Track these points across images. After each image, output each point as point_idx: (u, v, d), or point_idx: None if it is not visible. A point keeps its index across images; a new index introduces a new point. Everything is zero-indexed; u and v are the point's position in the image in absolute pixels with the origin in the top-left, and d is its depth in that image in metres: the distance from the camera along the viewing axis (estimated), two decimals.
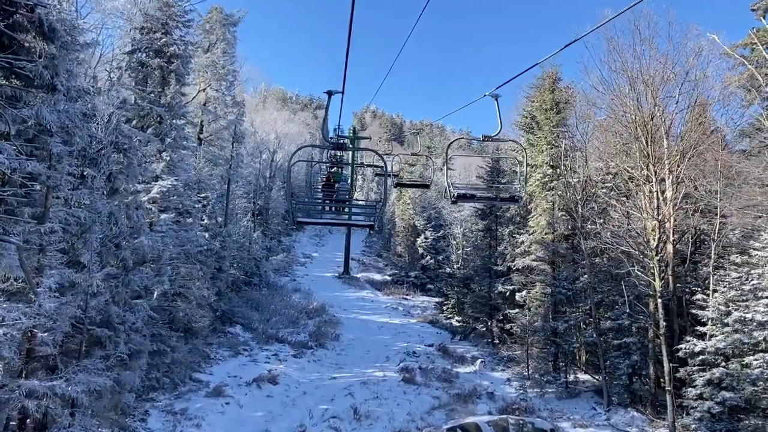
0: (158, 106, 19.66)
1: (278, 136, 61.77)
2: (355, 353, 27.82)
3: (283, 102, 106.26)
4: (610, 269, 23.41)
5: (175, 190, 20.09)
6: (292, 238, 65.01)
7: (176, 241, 20.61)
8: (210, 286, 24.97)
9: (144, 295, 18.02)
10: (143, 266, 16.82)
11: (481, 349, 29.94)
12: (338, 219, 12.10)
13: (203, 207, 26.42)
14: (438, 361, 27.34)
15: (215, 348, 24.62)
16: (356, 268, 55.68)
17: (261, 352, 25.32)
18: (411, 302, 44.19)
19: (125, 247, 15.72)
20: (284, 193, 60.80)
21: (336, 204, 13.37)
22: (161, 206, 19.69)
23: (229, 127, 36.10)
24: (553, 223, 24.74)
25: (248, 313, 31.29)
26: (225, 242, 27.86)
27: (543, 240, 25.26)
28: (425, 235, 50.04)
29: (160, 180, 19.48)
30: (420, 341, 31.07)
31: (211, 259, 25.07)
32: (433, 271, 49.24)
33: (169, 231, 19.60)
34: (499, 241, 31.29)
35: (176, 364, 20.11)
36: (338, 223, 11.38)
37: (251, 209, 50.77)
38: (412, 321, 37.81)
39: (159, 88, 20.35)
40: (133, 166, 16.17)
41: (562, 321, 24.05)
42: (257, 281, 40.55)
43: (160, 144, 19.67)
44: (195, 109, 34.83)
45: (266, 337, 27.47)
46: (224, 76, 35.33)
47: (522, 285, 27.05)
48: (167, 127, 20.04)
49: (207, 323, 23.62)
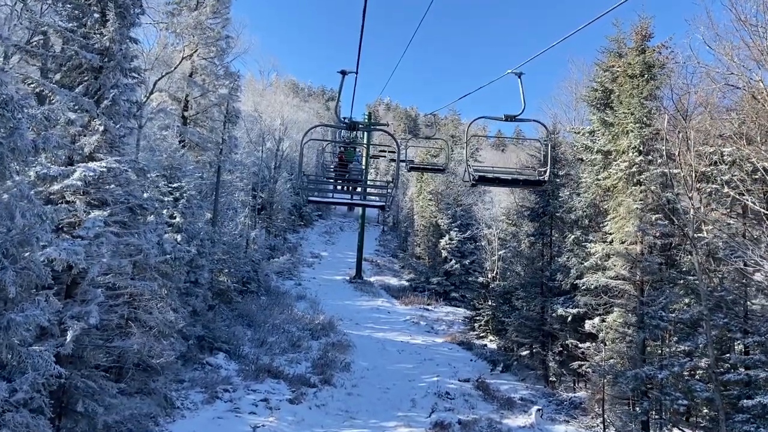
0: (88, 50, 13.35)
1: (285, 123, 55.56)
2: (370, 393, 21.48)
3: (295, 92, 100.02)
4: (724, 297, 16.83)
5: (117, 177, 13.82)
6: (300, 235, 58.85)
7: (121, 249, 14.39)
8: (180, 305, 18.76)
9: (54, 334, 11.83)
10: (42, 293, 10.61)
11: (531, 388, 23.43)
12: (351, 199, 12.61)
13: (175, 201, 20.17)
14: (480, 405, 20.92)
15: (185, 390, 18.41)
16: (369, 271, 49.34)
17: (247, 395, 19.03)
18: (434, 314, 37.79)
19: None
20: (291, 186, 55.04)
21: (349, 184, 12.97)
22: (93, 199, 13.43)
23: (221, 103, 29.84)
24: (644, 228, 18.09)
25: (238, 333, 25.09)
26: (204, 245, 21.58)
27: (628, 252, 18.65)
28: (450, 235, 43.47)
29: (93, 162, 13.20)
30: (452, 373, 24.63)
31: (181, 269, 18.81)
32: (458, 278, 42.76)
33: (106, 234, 13.34)
34: (556, 249, 24.65)
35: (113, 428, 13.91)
36: (351, 203, 12.41)
37: (252, 203, 44.56)
38: (437, 340, 31.41)
39: (98, 27, 14.05)
40: (22, 137, 9.91)
41: (657, 363, 17.48)
42: (255, 287, 34.42)
43: (95, 108, 13.39)
44: (179, 80, 28.80)
45: (256, 371, 21.21)
46: (215, 41, 29.03)
47: (592, 309, 20.49)
48: (108, 83, 13.74)
49: (173, 357, 17.38)
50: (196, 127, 29.08)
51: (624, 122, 19.37)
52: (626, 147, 19.11)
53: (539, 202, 25.77)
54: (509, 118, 8.65)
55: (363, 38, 7.42)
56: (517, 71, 8.53)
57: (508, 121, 8.71)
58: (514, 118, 8.67)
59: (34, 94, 13.40)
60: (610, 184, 20.04)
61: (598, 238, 20.55)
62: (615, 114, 20.37)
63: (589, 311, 20.66)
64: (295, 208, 58.99)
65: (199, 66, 28.77)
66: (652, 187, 18.36)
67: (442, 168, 19.63)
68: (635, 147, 18.84)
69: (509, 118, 8.65)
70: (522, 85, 8.75)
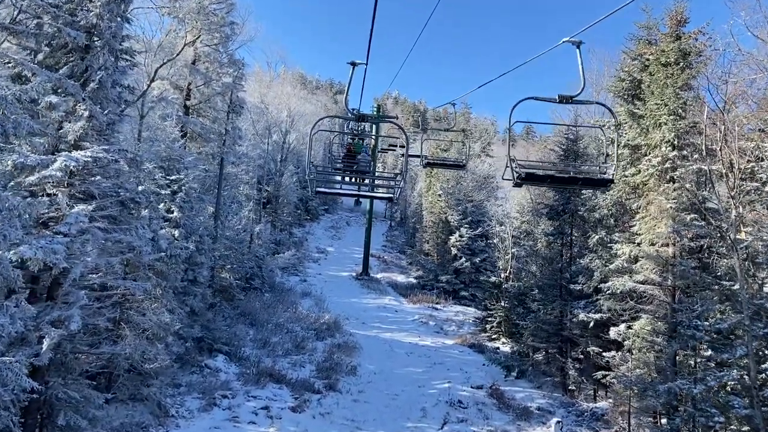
0: (73, 28, 12.07)
1: (291, 115, 54.20)
2: (378, 399, 20.25)
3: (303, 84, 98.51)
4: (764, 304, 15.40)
5: (105, 167, 12.59)
6: (306, 229, 57.62)
7: (109, 246, 13.18)
8: (177, 306, 17.60)
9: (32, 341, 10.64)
10: (12, 298, 9.40)
11: (548, 396, 22.09)
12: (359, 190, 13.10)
13: (173, 194, 18.95)
14: (494, 416, 19.64)
15: (181, 395, 17.25)
16: (376, 267, 48.05)
17: (246, 402, 17.85)
18: (443, 313, 36.45)
19: None
20: (297, 179, 53.85)
21: (357, 175, 12.87)
22: (77, 192, 12.21)
23: (225, 92, 28.60)
24: (678, 229, 16.66)
25: (239, 333, 23.94)
26: (203, 241, 20.36)
27: (659, 254, 17.23)
28: (460, 232, 42.08)
29: (78, 150, 11.96)
30: (464, 379, 23.34)
31: (177, 267, 17.61)
32: (468, 276, 41.41)
33: (92, 231, 12.13)
34: (576, 250, 23.21)
35: None
36: (359, 194, 12.82)
37: (257, 197, 43.39)
38: (447, 342, 30.10)
39: (85, 3, 12.77)
40: None
41: (690, 377, 16.12)
42: (259, 284, 33.27)
43: (80, 91, 12.13)
44: (181, 68, 27.53)
45: (258, 374, 20.02)
46: (219, 27, 27.71)
47: (617, 315, 19.12)
48: (95, 64, 12.48)
49: (168, 361, 16.20)
50: (199, 117, 27.83)
51: (656, 114, 17.89)
52: (659, 141, 17.64)
53: (559, 199, 24.32)
54: (565, 100, 7.28)
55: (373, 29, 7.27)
56: (575, 40, 7.08)
57: (563, 102, 7.29)
58: (571, 99, 7.31)
59: (14, 75, 12.26)
60: (640, 180, 18.60)
61: (624, 238, 19.13)
62: (645, 105, 18.89)
63: (613, 317, 19.28)
64: (301, 202, 57.83)
65: (202, 53, 27.49)
66: (687, 185, 16.91)
67: (461, 164, 17.97)
68: (669, 141, 17.37)
69: (565, 99, 7.28)
70: (581, 57, 7.23)
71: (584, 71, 7.33)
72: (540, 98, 7.56)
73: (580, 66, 7.37)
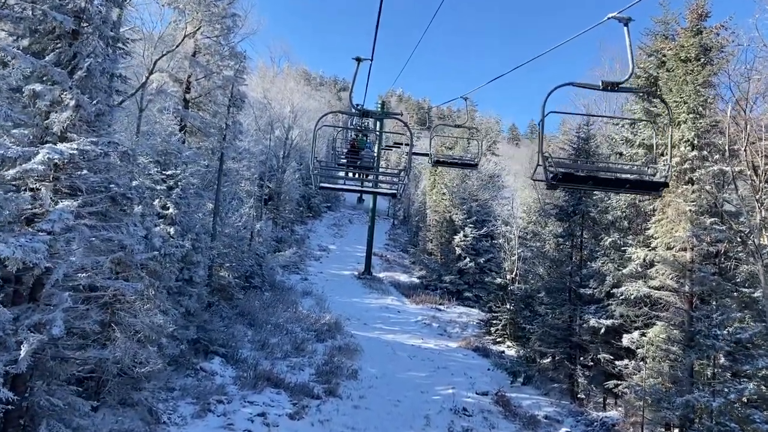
0: (60, 12, 11.32)
1: (294, 111, 53.43)
2: (379, 406, 19.51)
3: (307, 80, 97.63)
4: None
5: (93, 161, 11.85)
6: (308, 226, 56.93)
7: (97, 244, 12.45)
8: (171, 306, 16.86)
9: (10, 346, 9.92)
10: None
11: (556, 404, 21.31)
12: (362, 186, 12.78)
13: (168, 190, 18.21)
14: (501, 425, 18.89)
15: (174, 400, 16.54)
16: (378, 266, 47.30)
17: (242, 408, 17.13)
18: (446, 315, 35.70)
19: None
20: (299, 176, 53.13)
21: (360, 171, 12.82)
22: (63, 186, 11.48)
23: (226, 86, 27.84)
24: (697, 233, 15.84)
25: (237, 334, 23.22)
26: (200, 239, 19.63)
27: (676, 259, 16.42)
28: (465, 232, 41.37)
29: (64, 143, 11.22)
30: (469, 385, 22.58)
31: (172, 267, 16.88)
32: (472, 276, 40.69)
33: (78, 228, 11.40)
34: (587, 252, 22.38)
35: None
36: (362, 190, 12.77)
37: (258, 194, 42.65)
38: (451, 345, 29.36)
39: None
40: None
41: (707, 388, 15.33)
42: (259, 282, 32.57)
43: (67, 79, 11.39)
44: (181, 60, 26.76)
45: (255, 378, 19.29)
46: (220, 18, 26.93)
47: (629, 321, 18.32)
48: (83, 51, 11.74)
49: (160, 365, 15.47)
50: (199, 110, 27.09)
51: (675, 112, 17.06)
52: (677, 140, 16.82)
53: (569, 200, 23.47)
54: (610, 87, 6.48)
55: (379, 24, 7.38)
56: (624, 16, 6.22)
57: (607, 90, 6.45)
58: (616, 86, 6.52)
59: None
60: None
61: (638, 242, 18.33)
62: (663, 103, 18.02)
63: (626, 323, 18.50)
64: (303, 199, 57.13)
65: (203, 45, 26.73)
66: (707, 187, 16.10)
67: (473, 163, 17.14)
68: (688, 140, 16.55)
69: (611, 86, 6.48)
70: (629, 36, 6.29)
71: (633, 53, 6.44)
72: (580, 84, 6.75)
73: (629, 47, 6.46)
